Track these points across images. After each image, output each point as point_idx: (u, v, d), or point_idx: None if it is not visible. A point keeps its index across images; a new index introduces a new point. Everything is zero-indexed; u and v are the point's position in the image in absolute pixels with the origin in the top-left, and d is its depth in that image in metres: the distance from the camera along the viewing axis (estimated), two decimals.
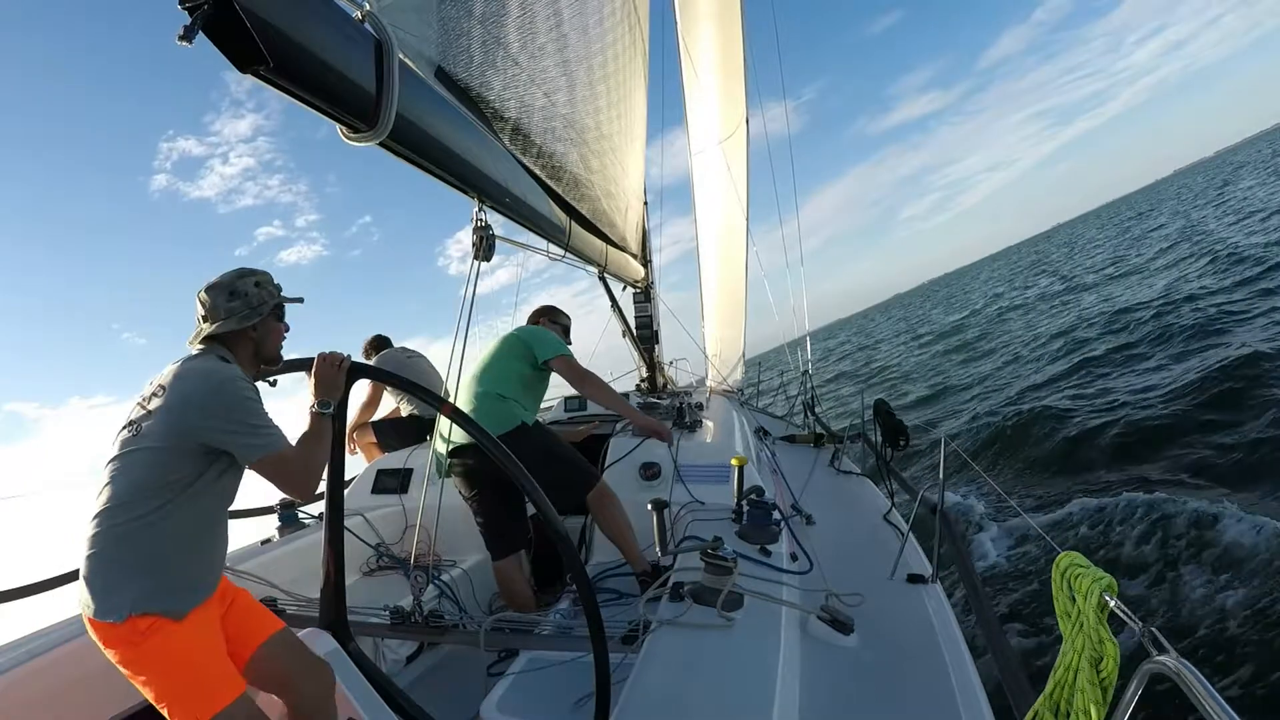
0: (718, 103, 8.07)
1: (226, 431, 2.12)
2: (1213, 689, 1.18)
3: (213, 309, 2.29)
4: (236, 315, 2.29)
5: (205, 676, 2.11)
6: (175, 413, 2.11)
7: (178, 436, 2.09)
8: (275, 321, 2.44)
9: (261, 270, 2.40)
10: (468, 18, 2.83)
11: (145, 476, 2.07)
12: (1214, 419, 9.13)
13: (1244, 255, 19.68)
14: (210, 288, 2.31)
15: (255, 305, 2.33)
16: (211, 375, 2.17)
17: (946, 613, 2.84)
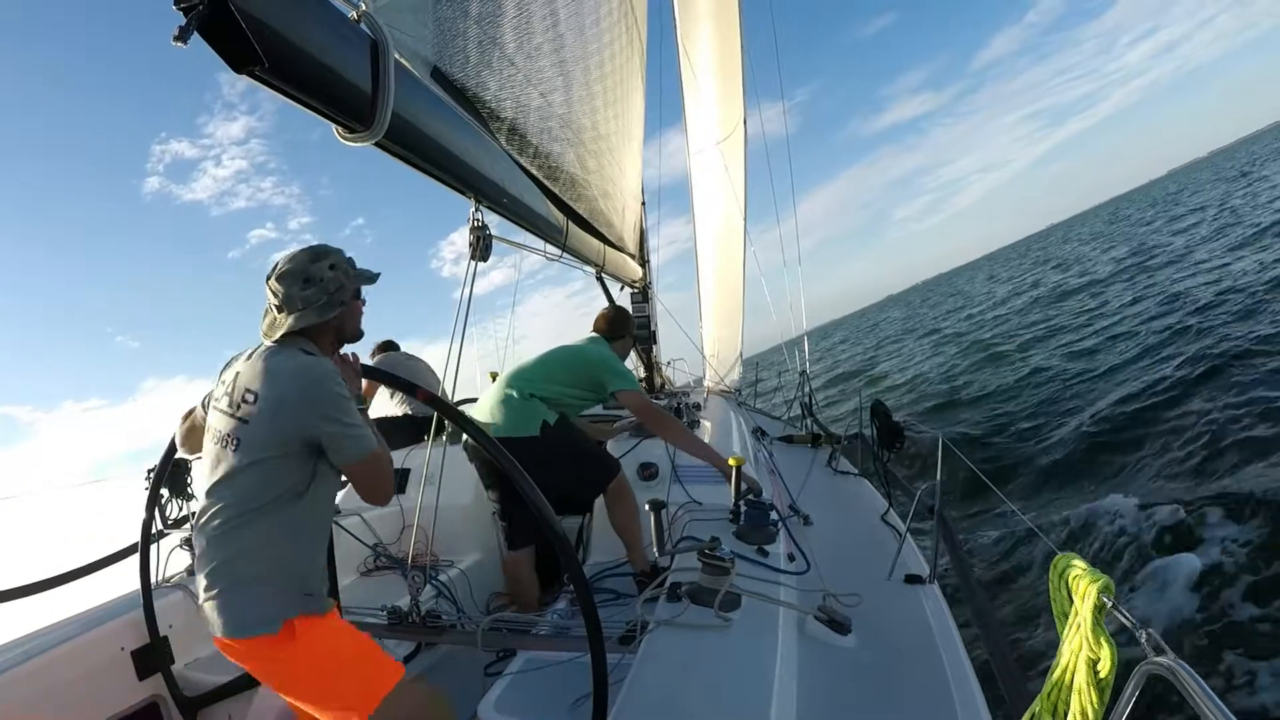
0: (716, 103, 8.08)
1: (324, 431, 2.06)
2: (1210, 690, 1.17)
3: (287, 300, 2.17)
4: (315, 306, 2.18)
5: (369, 661, 2.09)
6: (273, 419, 2.05)
7: (281, 444, 2.05)
8: (356, 303, 2.36)
9: (334, 249, 2.26)
10: (464, 18, 2.83)
11: (258, 491, 2.03)
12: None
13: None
14: (281, 276, 2.18)
15: (333, 292, 2.21)
16: (302, 375, 2.10)
17: (944, 613, 2.84)
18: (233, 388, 2.14)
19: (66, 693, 2.73)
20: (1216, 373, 10.44)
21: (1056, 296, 27.20)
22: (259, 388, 2.08)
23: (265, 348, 2.20)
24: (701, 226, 8.96)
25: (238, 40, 1.56)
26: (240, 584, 1.98)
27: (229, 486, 2.04)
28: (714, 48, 7.79)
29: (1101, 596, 1.45)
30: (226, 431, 2.09)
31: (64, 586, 3.37)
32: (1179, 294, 17.40)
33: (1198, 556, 6.03)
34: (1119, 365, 13.23)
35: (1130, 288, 21.28)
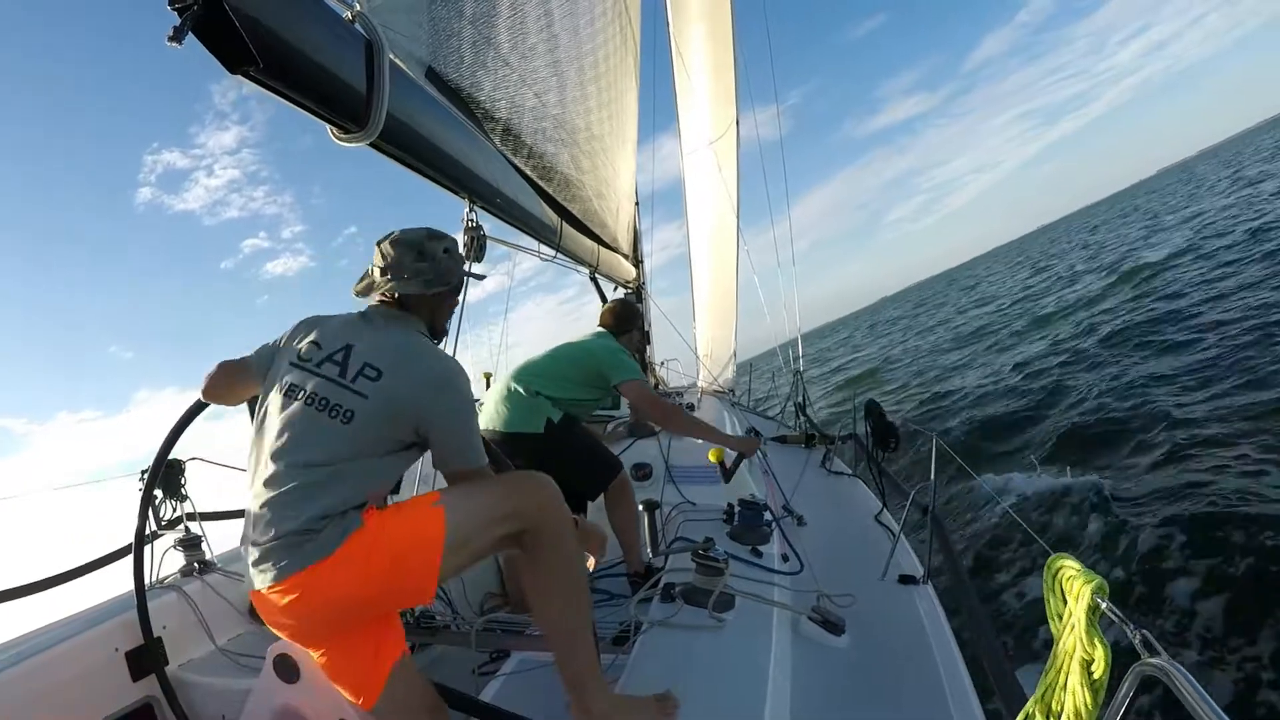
0: (709, 103, 8.09)
1: (440, 433, 2.06)
2: (1204, 691, 1.18)
3: (395, 264, 2.17)
4: (421, 278, 2.19)
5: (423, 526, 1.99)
6: (396, 402, 2.02)
7: (394, 426, 2.03)
8: (453, 295, 2.38)
9: (449, 235, 2.29)
10: (458, 18, 2.83)
11: (352, 457, 1.98)
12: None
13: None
14: (396, 241, 2.19)
15: (441, 273, 2.23)
16: (454, 379, 2.10)
17: (938, 614, 2.84)
18: (344, 356, 2.09)
19: (60, 694, 2.72)
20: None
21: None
22: (385, 365, 2.05)
23: (376, 318, 2.20)
24: (695, 227, 8.97)
25: (232, 41, 1.55)
26: (313, 527, 1.89)
27: (323, 449, 1.98)
28: (707, 48, 7.80)
29: (1095, 597, 1.45)
30: (335, 400, 2.03)
31: (57, 588, 3.36)
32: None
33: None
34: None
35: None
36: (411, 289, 2.17)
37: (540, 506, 2.11)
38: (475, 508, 2.05)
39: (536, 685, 2.58)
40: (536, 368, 3.74)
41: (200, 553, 3.56)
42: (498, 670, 2.74)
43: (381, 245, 2.20)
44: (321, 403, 2.02)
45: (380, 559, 1.90)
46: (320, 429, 2.00)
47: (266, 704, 2.29)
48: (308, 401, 2.04)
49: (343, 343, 2.12)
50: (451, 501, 2.02)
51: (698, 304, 9.10)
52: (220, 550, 3.75)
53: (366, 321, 2.18)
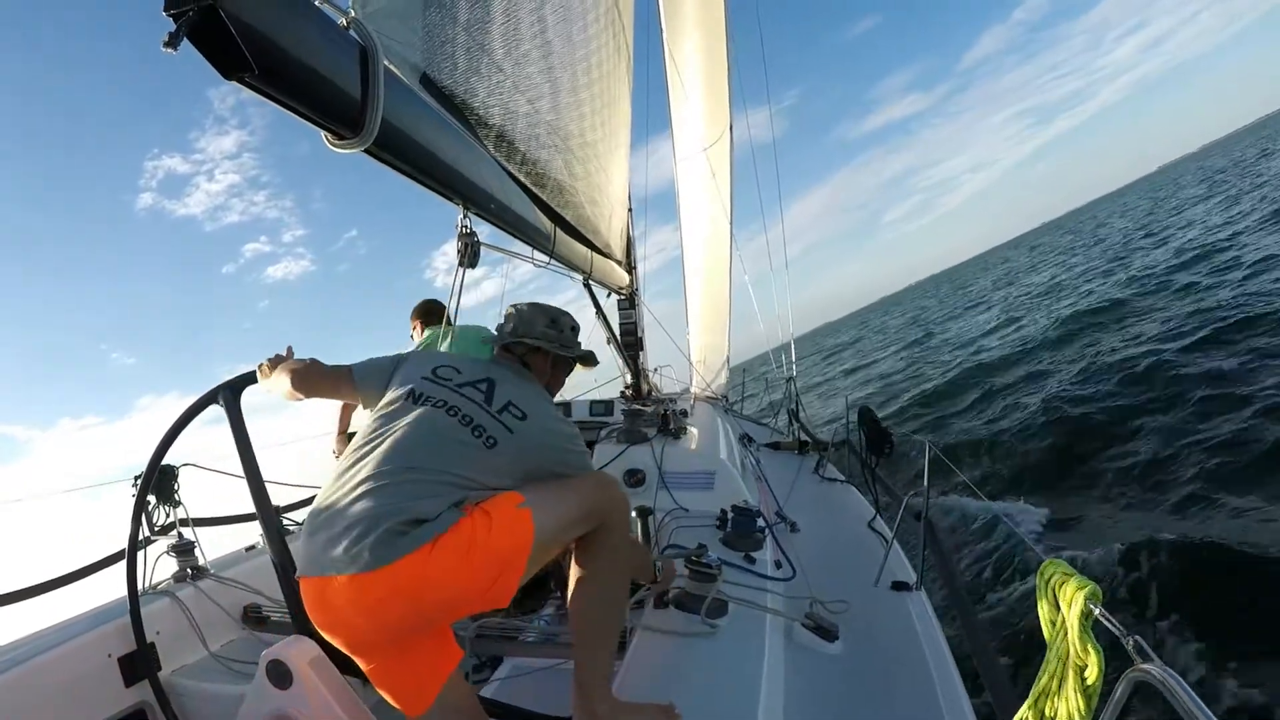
0: (702, 109, 8.10)
1: (559, 474, 2.21)
2: (1197, 697, 1.18)
3: (529, 323, 2.44)
4: (550, 341, 2.43)
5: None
6: (527, 450, 2.16)
7: (520, 467, 2.15)
8: (567, 367, 2.60)
9: (571, 316, 2.57)
10: (452, 24, 2.83)
11: (478, 474, 2.04)
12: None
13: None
14: (533, 305, 2.49)
15: (567, 344, 2.50)
16: (568, 428, 2.30)
17: (931, 620, 2.85)
18: (488, 388, 2.23)
19: (53, 700, 2.72)
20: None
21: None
22: (530, 411, 2.21)
23: (508, 367, 2.41)
24: (688, 232, 8.98)
25: (227, 46, 1.55)
26: (422, 517, 1.87)
27: (466, 464, 2.03)
28: (700, 54, 7.82)
29: (1088, 603, 1.45)
30: (480, 422, 2.13)
31: (51, 593, 3.36)
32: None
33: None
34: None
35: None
36: (540, 345, 2.43)
37: (614, 508, 2.22)
38: (560, 510, 2.11)
39: (529, 690, 2.58)
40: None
41: (193, 558, 3.56)
42: (491, 676, 2.74)
43: (519, 307, 2.51)
44: (465, 419, 2.12)
45: (476, 559, 1.89)
46: (460, 442, 2.08)
47: (259, 710, 2.28)
48: (450, 413, 2.14)
49: (484, 375, 2.28)
50: (537, 503, 2.05)
51: (691, 310, 9.10)
52: (213, 556, 3.75)
53: (501, 367, 2.37)
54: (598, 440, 4.65)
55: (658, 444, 4.35)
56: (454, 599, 1.92)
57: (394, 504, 1.88)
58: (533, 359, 2.47)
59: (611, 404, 6.07)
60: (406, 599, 1.84)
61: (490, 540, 1.91)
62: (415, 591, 1.84)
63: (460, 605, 1.98)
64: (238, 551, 4.04)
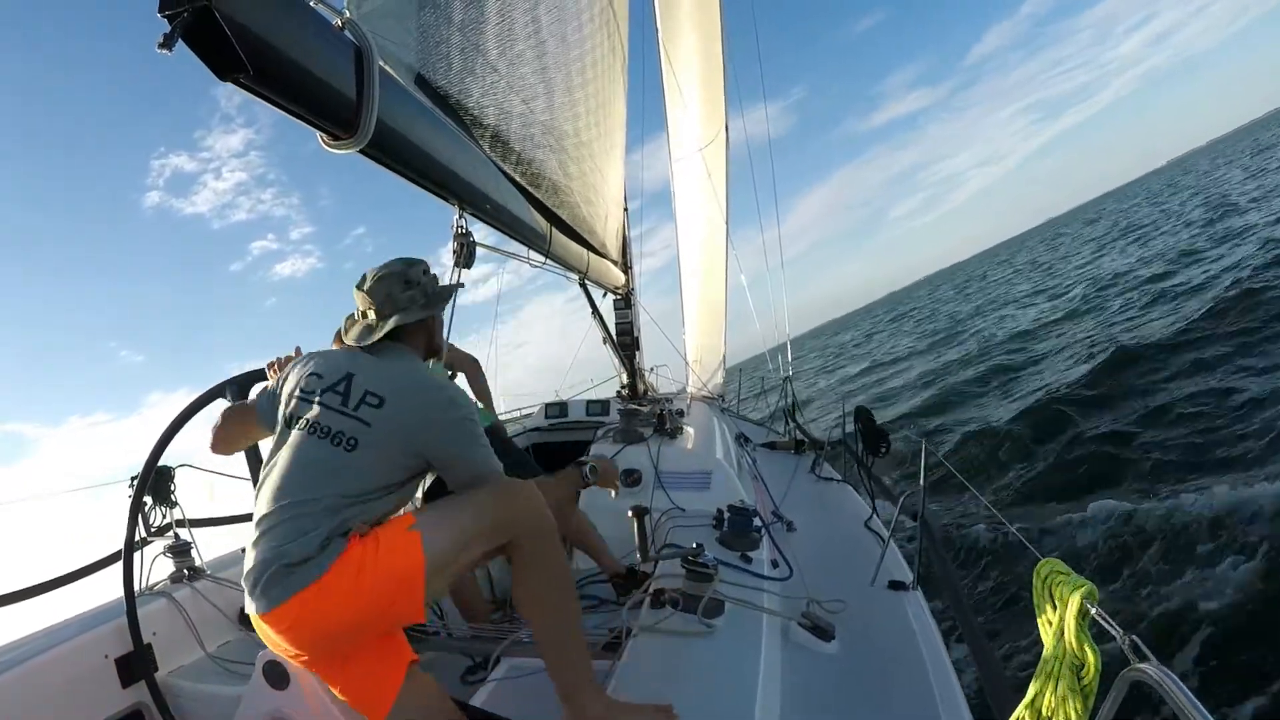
0: (698, 110, 8.09)
1: (455, 453, 2.12)
2: (1193, 696, 1.18)
3: (389, 300, 2.25)
4: (418, 305, 2.27)
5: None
6: (399, 428, 2.07)
7: (398, 452, 2.08)
8: (439, 319, 2.47)
9: (418, 258, 2.38)
10: (447, 24, 2.83)
11: (360, 486, 2.03)
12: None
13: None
14: (381, 279, 2.26)
15: (432, 294, 2.32)
16: (439, 391, 2.16)
17: (927, 619, 2.85)
18: (346, 385, 2.14)
19: (50, 701, 2.72)
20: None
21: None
22: (387, 393, 2.10)
23: (372, 349, 2.24)
24: (684, 232, 8.97)
25: (223, 47, 1.55)
26: (308, 555, 1.91)
27: (332, 480, 2.01)
28: (696, 53, 7.80)
29: (1085, 602, 1.46)
30: (339, 428, 2.06)
31: (47, 594, 3.35)
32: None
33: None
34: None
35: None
36: (414, 317, 2.24)
37: (521, 517, 2.13)
38: (452, 528, 2.06)
39: (525, 691, 2.58)
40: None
41: (190, 559, 3.56)
42: (486, 677, 2.74)
43: (367, 288, 2.26)
44: (324, 430, 2.06)
45: (365, 585, 1.92)
46: (322, 457, 2.04)
47: (256, 711, 2.28)
48: (310, 430, 2.08)
49: (343, 372, 2.16)
50: (428, 524, 2.04)
51: (687, 310, 9.09)
52: (210, 557, 3.75)
53: (366, 352, 2.23)
54: (594, 440, 4.65)
55: (654, 444, 4.35)
56: (357, 621, 1.97)
57: (278, 546, 1.92)
58: (401, 332, 2.29)
59: (608, 404, 6.07)
60: (311, 628, 1.93)
61: (379, 564, 1.94)
62: (316, 621, 1.92)
63: (366, 626, 2.01)
64: (234, 552, 4.03)
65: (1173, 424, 9.37)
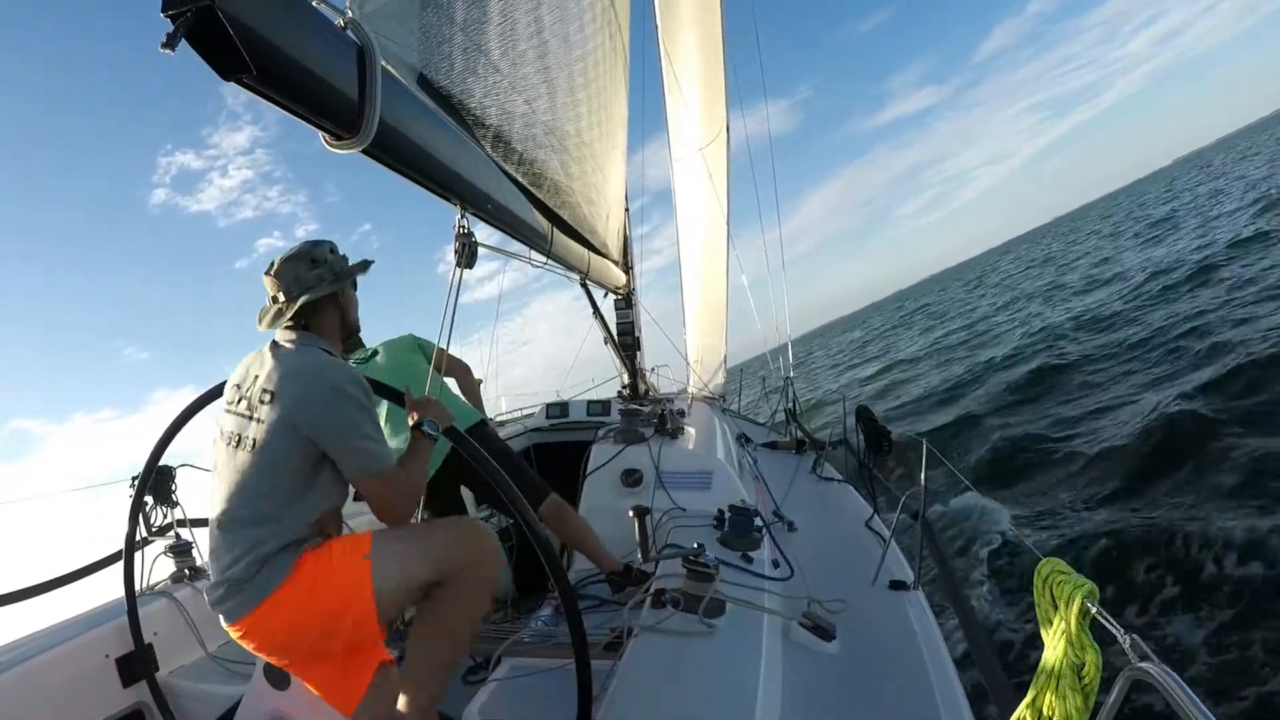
0: (699, 109, 8.08)
1: (341, 440, 2.10)
2: (1195, 695, 1.19)
3: (296, 281, 2.26)
4: (326, 281, 2.28)
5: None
6: (288, 421, 2.07)
7: (295, 445, 2.09)
8: (352, 290, 2.48)
9: (328, 240, 2.40)
10: (449, 24, 2.83)
11: (269, 491, 2.06)
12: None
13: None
14: (287, 260, 2.28)
15: (339, 271, 2.34)
16: (330, 376, 2.13)
17: (929, 619, 2.85)
18: (250, 389, 2.16)
19: (51, 700, 2.72)
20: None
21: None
22: (275, 387, 2.11)
23: (279, 346, 2.24)
24: (685, 233, 8.96)
25: (226, 47, 1.56)
26: (259, 566, 2.00)
27: (248, 487, 2.06)
28: (697, 52, 7.79)
29: (1086, 602, 1.46)
30: (244, 433, 2.10)
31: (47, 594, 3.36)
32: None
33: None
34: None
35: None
36: (321, 292, 2.26)
37: (473, 561, 2.22)
38: (406, 560, 2.13)
39: (526, 692, 2.58)
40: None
41: (191, 559, 3.56)
42: (488, 677, 2.74)
43: (274, 273, 2.28)
44: (236, 440, 2.12)
45: (318, 607, 2.01)
46: (238, 466, 2.09)
47: (257, 711, 2.29)
48: (228, 442, 2.15)
49: (249, 376, 2.20)
50: (380, 555, 2.09)
51: (688, 310, 9.08)
52: None
53: (272, 349, 2.24)
54: (595, 440, 4.65)
55: (655, 444, 4.36)
56: (312, 635, 2.05)
57: (223, 568, 2.03)
58: (314, 316, 2.32)
59: (609, 404, 6.07)
60: (269, 639, 2.05)
61: (332, 585, 2.03)
62: (272, 633, 2.04)
63: (330, 633, 2.06)
64: None
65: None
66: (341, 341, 2.43)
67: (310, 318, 2.29)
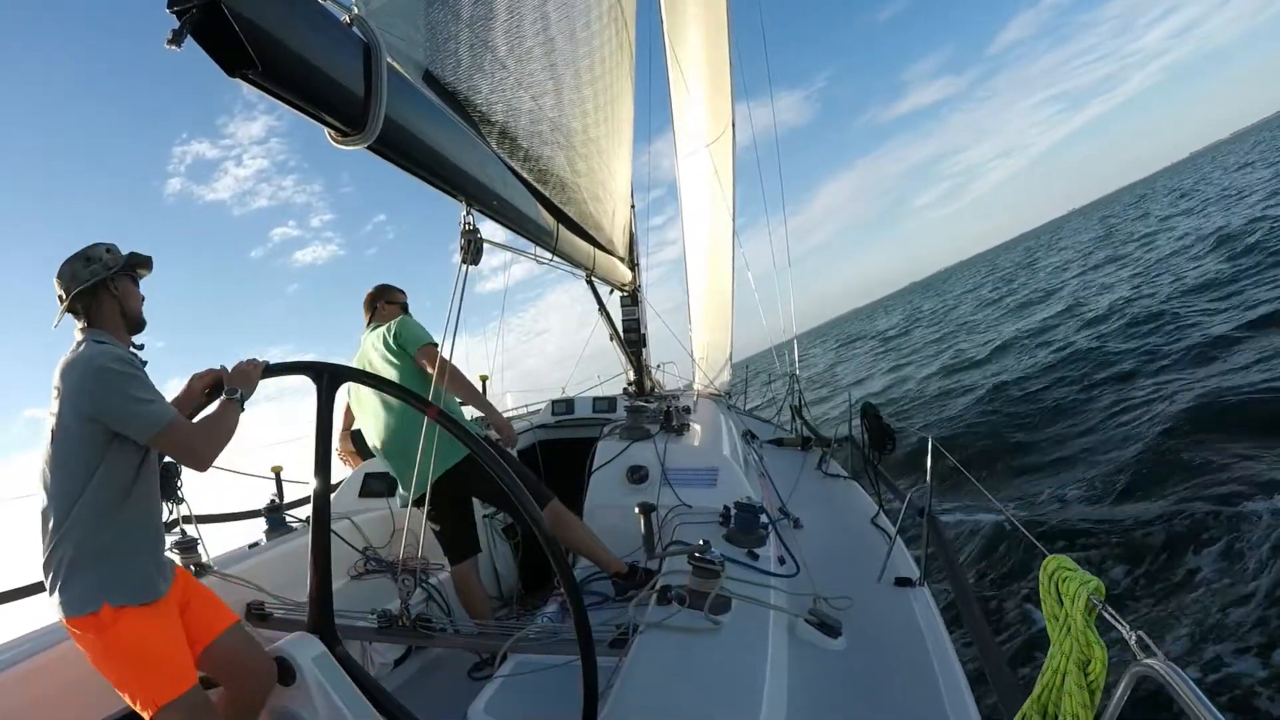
0: (705, 106, 8.08)
1: (110, 413, 2.23)
2: (1199, 691, 1.18)
3: (74, 277, 2.42)
4: (97, 276, 2.43)
5: (164, 665, 2.26)
6: (69, 408, 2.23)
7: (78, 431, 2.22)
8: (132, 285, 2.58)
9: (110, 244, 2.55)
10: (455, 21, 2.83)
11: (68, 480, 2.22)
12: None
13: None
14: (66, 262, 2.45)
15: (111, 267, 2.47)
16: (93, 359, 2.28)
17: (934, 616, 2.85)
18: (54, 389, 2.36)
19: (56, 698, 2.72)
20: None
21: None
22: (59, 380, 2.29)
23: (75, 343, 2.43)
24: (691, 229, 8.95)
25: (231, 44, 1.56)
26: (67, 569, 2.19)
27: (48, 479, 2.25)
28: (702, 49, 7.78)
29: (1091, 598, 1.46)
30: (50, 428, 2.28)
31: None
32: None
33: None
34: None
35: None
36: (99, 276, 2.44)
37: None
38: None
39: (532, 688, 2.58)
40: (386, 406, 3.81)
41: (196, 555, 3.56)
42: (493, 673, 2.74)
43: (56, 280, 2.50)
44: (49, 437, 2.28)
45: (106, 667, 2.28)
46: (45, 457, 2.29)
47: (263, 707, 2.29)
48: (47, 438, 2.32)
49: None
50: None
51: (694, 307, 9.08)
52: (216, 553, 3.75)
53: (72, 350, 2.42)
54: (601, 437, 4.65)
55: (661, 440, 4.36)
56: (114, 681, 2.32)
57: (49, 554, 2.24)
58: (94, 310, 2.48)
59: (614, 400, 6.07)
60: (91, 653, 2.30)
61: (115, 666, 2.30)
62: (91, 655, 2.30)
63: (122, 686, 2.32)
64: (241, 548, 4.04)
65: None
66: (126, 331, 2.57)
67: (91, 312, 2.46)
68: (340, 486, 4.88)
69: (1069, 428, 10.80)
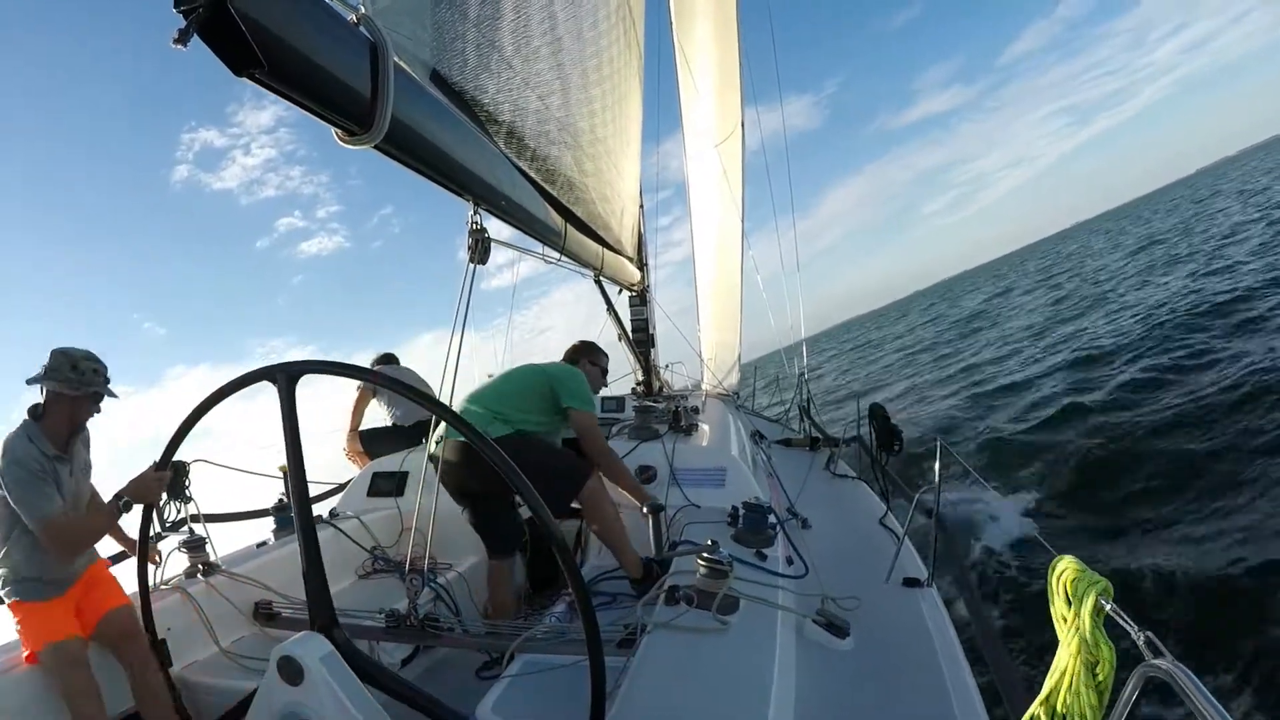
0: (714, 106, 8.06)
1: (14, 499, 2.77)
2: (1209, 693, 1.18)
3: (55, 370, 2.90)
4: (72, 388, 2.95)
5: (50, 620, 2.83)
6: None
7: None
8: (90, 404, 3.07)
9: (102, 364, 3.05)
10: (462, 20, 2.83)
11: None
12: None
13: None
14: (64, 354, 2.94)
15: (87, 384, 2.97)
16: (11, 450, 2.80)
17: (942, 616, 2.84)
18: None
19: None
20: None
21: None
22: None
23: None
24: (699, 229, 8.94)
25: (238, 43, 1.55)
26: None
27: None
28: (711, 49, 7.77)
29: (1099, 599, 1.45)
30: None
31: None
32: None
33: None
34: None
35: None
36: (71, 390, 2.93)
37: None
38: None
39: (540, 688, 2.58)
40: (487, 392, 3.77)
41: (204, 554, 3.57)
42: (499, 673, 2.74)
43: (51, 353, 2.94)
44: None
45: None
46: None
47: (271, 706, 2.29)
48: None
49: None
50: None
51: (702, 306, 9.07)
52: (224, 552, 3.76)
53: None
54: (609, 437, 4.65)
55: (669, 440, 4.36)
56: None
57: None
58: (50, 406, 2.94)
59: (623, 400, 6.08)
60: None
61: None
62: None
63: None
64: (249, 548, 4.05)
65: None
66: (62, 436, 3.00)
67: (47, 406, 2.94)
68: (349, 485, 4.89)
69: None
